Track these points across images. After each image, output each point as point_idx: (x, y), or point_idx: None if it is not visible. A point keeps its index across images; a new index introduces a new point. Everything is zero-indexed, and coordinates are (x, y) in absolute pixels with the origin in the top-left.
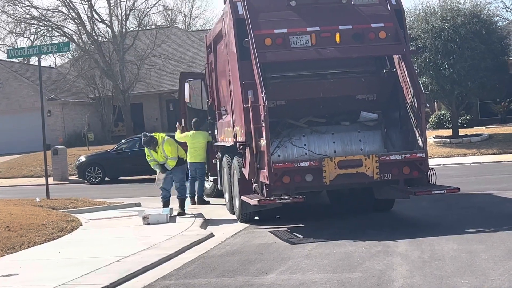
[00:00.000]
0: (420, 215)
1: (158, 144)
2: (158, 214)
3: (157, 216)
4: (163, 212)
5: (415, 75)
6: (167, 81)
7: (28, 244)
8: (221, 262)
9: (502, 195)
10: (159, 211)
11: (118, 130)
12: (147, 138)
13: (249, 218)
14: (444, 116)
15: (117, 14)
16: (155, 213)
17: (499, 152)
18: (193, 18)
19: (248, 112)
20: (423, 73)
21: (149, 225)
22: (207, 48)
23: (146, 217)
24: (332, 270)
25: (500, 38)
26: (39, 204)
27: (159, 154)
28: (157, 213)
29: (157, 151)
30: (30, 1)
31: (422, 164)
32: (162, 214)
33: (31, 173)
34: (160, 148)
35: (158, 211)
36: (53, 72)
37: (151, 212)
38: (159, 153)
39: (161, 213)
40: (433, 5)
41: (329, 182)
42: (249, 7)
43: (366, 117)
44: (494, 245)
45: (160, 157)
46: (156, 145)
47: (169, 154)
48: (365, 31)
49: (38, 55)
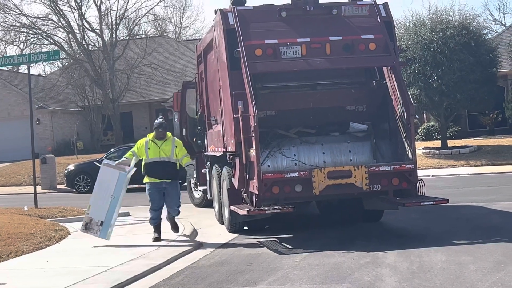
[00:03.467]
0: (409, 226)
1: (167, 138)
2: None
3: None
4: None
5: (404, 87)
6: (157, 90)
7: (16, 253)
8: (210, 272)
9: (491, 207)
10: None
11: (107, 139)
12: (164, 121)
13: (239, 228)
14: (433, 128)
15: (108, 23)
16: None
17: (488, 163)
18: (184, 28)
19: (238, 122)
20: (412, 85)
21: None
22: (198, 58)
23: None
24: (321, 281)
25: (489, 50)
26: (27, 213)
27: (164, 148)
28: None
29: (159, 146)
30: (20, 9)
31: (411, 175)
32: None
33: (19, 181)
34: (170, 143)
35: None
36: (42, 81)
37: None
38: (163, 147)
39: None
40: (422, 17)
41: (318, 192)
42: (239, 17)
43: (356, 128)
44: (483, 256)
45: (163, 152)
46: (165, 137)
47: (182, 153)
48: (355, 43)
49: (28, 64)
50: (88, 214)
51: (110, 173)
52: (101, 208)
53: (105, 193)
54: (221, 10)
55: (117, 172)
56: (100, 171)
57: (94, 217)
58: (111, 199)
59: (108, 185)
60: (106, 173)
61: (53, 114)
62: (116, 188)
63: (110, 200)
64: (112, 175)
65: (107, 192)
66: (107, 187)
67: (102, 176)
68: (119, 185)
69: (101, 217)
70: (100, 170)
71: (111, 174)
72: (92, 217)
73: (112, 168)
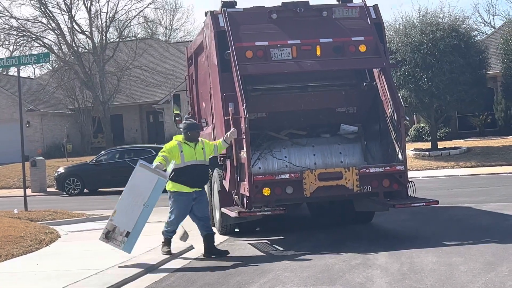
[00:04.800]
0: (399, 227)
1: (199, 140)
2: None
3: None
4: None
5: (394, 89)
6: (147, 93)
7: (6, 256)
8: (201, 274)
9: (480, 208)
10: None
11: (98, 142)
12: (195, 122)
13: (229, 230)
14: (423, 129)
15: (98, 25)
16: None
17: (477, 165)
18: (174, 30)
19: (229, 124)
20: (402, 86)
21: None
22: (188, 60)
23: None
24: (312, 282)
25: (479, 52)
26: (17, 216)
27: (198, 150)
28: None
29: (193, 147)
30: (9, 12)
31: (401, 176)
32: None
33: (9, 184)
34: (201, 145)
35: None
36: (32, 83)
37: None
38: (198, 149)
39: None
40: (412, 19)
41: (309, 194)
42: (230, 19)
43: (346, 129)
44: (473, 257)
45: (199, 155)
46: (198, 139)
47: (210, 150)
48: (345, 45)
49: (17, 66)
50: (112, 221)
51: (148, 177)
52: (130, 217)
53: (138, 199)
54: (212, 12)
55: (155, 178)
56: (135, 173)
57: (120, 226)
58: (143, 207)
59: (143, 191)
60: (142, 176)
61: (43, 116)
62: (152, 196)
63: (142, 209)
64: (150, 180)
65: (140, 199)
66: (140, 193)
67: (136, 180)
68: (155, 192)
69: (128, 227)
70: (134, 171)
71: (148, 178)
72: (117, 226)
73: (150, 172)
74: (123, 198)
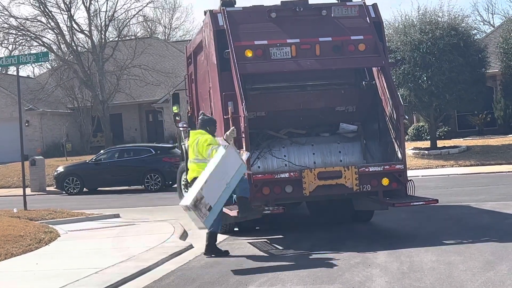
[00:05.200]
0: (399, 226)
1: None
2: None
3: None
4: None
5: (394, 87)
6: (146, 92)
7: (5, 255)
8: (201, 273)
9: (480, 207)
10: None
11: (97, 141)
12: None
13: (229, 229)
14: (422, 128)
15: (97, 24)
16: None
17: (477, 164)
18: (173, 29)
19: (228, 123)
20: (402, 85)
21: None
22: (187, 59)
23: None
24: (311, 281)
25: (478, 51)
26: (16, 215)
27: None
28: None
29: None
30: (8, 11)
31: (400, 175)
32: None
33: (8, 183)
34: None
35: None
36: (31, 82)
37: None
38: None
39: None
40: (412, 18)
41: (308, 193)
42: (229, 18)
43: (346, 128)
44: (472, 256)
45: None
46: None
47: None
48: (344, 43)
49: (17, 65)
50: (202, 191)
51: (235, 160)
52: (214, 192)
53: (223, 177)
54: (211, 11)
55: (239, 162)
56: (228, 151)
57: (206, 197)
58: (225, 186)
59: (228, 171)
60: (231, 157)
61: (42, 116)
62: (233, 178)
63: (224, 188)
64: (235, 162)
65: (224, 178)
66: (226, 172)
67: (227, 159)
68: (237, 175)
69: (211, 201)
70: (228, 150)
71: (235, 160)
72: (204, 197)
73: (238, 155)
74: (215, 172)
